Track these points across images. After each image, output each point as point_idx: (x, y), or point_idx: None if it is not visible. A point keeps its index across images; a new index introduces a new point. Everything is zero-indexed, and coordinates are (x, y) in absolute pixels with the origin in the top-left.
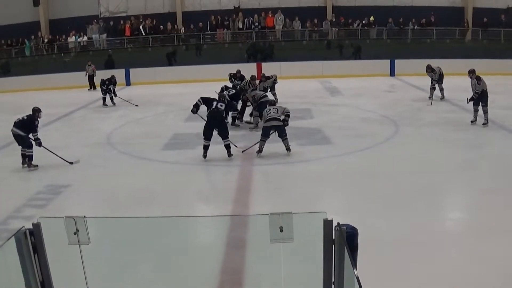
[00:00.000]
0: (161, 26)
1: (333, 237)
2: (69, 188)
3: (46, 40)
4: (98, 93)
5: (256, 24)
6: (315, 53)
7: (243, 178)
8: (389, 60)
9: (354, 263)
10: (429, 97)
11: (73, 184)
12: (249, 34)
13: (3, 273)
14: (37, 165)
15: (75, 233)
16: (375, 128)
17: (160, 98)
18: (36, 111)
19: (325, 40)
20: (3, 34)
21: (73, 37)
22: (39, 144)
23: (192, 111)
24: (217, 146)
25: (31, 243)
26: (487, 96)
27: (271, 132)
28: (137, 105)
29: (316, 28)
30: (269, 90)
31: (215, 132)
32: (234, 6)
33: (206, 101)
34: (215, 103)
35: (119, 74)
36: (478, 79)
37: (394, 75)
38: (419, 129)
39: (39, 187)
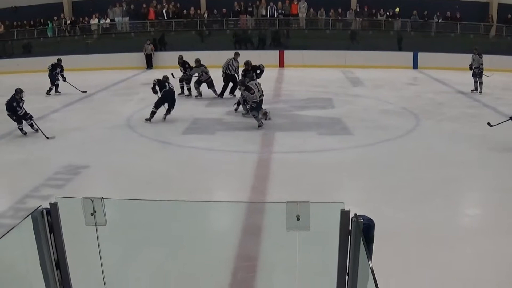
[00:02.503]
0: (185, 11)
1: (350, 228)
2: (88, 169)
3: (68, 22)
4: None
5: (280, 11)
6: (338, 43)
7: (262, 165)
8: (412, 53)
9: (369, 255)
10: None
11: (91, 165)
12: (272, 21)
13: (19, 252)
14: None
15: (92, 214)
16: (396, 120)
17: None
18: (18, 92)
19: (349, 30)
20: (26, 14)
21: (96, 19)
22: (30, 119)
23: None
24: (235, 132)
25: (47, 222)
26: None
27: None
28: (85, 91)
29: (340, 18)
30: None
31: None
32: None
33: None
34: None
35: (140, 57)
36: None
37: (417, 68)
38: (439, 123)
39: (57, 168)
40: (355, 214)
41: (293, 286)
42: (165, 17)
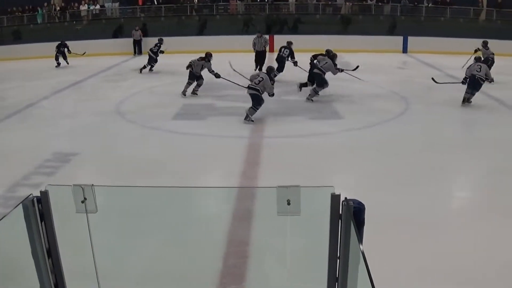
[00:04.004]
0: None
1: (340, 212)
2: (78, 156)
3: (58, 8)
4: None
5: None
6: (328, 28)
7: (252, 150)
8: (402, 37)
9: (360, 239)
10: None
11: (82, 152)
12: (263, 6)
13: (10, 240)
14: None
15: (82, 202)
16: (386, 104)
17: (171, 68)
18: None
19: (339, 14)
20: (15, 1)
21: (86, 5)
22: None
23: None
24: (226, 117)
25: (38, 210)
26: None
27: None
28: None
29: (330, 2)
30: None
31: None
32: None
33: None
34: None
35: (130, 43)
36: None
37: (407, 52)
38: (429, 107)
39: (47, 155)
40: (345, 198)
41: (284, 270)
42: (155, 2)
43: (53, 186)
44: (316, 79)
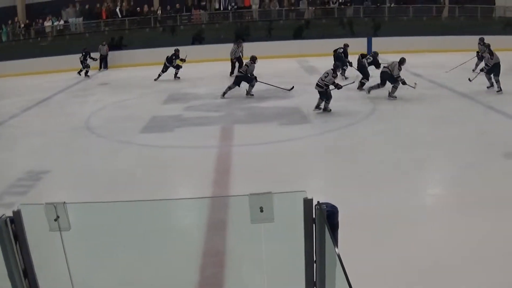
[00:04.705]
0: (138, 8)
1: (314, 216)
2: (50, 174)
3: (22, 25)
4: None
5: (233, 5)
6: (292, 33)
7: (222, 159)
8: (366, 38)
9: (335, 242)
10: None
11: (53, 169)
12: (226, 14)
13: None
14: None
15: (55, 220)
16: (354, 106)
17: (138, 81)
18: None
19: (302, 19)
20: None
21: (50, 21)
22: None
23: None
24: (195, 127)
25: (12, 231)
26: (499, 68)
27: None
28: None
29: (293, 8)
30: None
31: None
32: None
33: None
34: None
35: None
36: (491, 53)
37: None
38: (396, 106)
39: (19, 174)
40: (318, 202)
41: (261, 278)
42: (119, 16)
43: (25, 205)
44: (389, 78)
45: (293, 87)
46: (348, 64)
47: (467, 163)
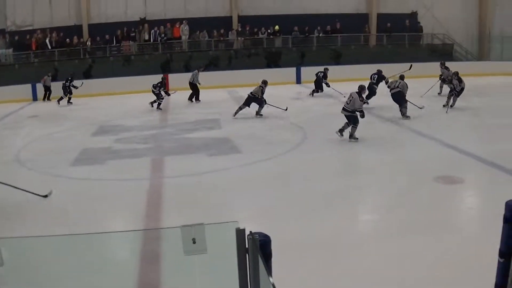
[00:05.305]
0: (68, 39)
1: (246, 246)
2: None
3: None
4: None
5: (163, 35)
6: (221, 63)
7: (154, 191)
8: (295, 68)
9: (269, 271)
10: (444, 105)
11: None
12: (156, 45)
13: None
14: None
15: None
16: (284, 135)
17: (68, 113)
18: None
19: (232, 49)
20: None
21: None
22: None
23: None
24: (125, 160)
25: None
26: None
27: None
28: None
29: (222, 38)
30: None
31: None
32: (140, 18)
33: None
34: None
35: (25, 89)
36: (460, 80)
37: (301, 83)
38: (327, 134)
39: None
40: (250, 232)
41: None
42: (49, 47)
43: None
44: (397, 99)
45: (287, 108)
46: (326, 85)
47: (399, 188)
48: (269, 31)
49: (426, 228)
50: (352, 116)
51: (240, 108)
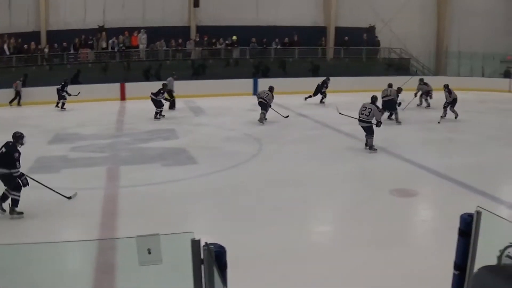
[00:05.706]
0: (25, 45)
1: (202, 257)
2: None
3: None
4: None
5: (121, 45)
6: (178, 73)
7: (109, 201)
8: (252, 79)
9: (224, 281)
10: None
11: None
12: (113, 53)
13: None
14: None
15: None
16: (239, 146)
17: (22, 120)
18: (19, 137)
19: (189, 59)
20: None
21: None
22: (25, 181)
23: None
24: (80, 168)
25: None
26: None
27: None
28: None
29: (180, 48)
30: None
31: None
32: (98, 25)
33: None
34: None
35: None
36: (450, 92)
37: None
38: (282, 146)
39: None
40: (206, 243)
41: None
42: (7, 53)
43: None
44: (390, 106)
45: (288, 115)
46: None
47: (354, 200)
48: (227, 41)
49: (380, 240)
50: (369, 127)
51: (264, 114)
